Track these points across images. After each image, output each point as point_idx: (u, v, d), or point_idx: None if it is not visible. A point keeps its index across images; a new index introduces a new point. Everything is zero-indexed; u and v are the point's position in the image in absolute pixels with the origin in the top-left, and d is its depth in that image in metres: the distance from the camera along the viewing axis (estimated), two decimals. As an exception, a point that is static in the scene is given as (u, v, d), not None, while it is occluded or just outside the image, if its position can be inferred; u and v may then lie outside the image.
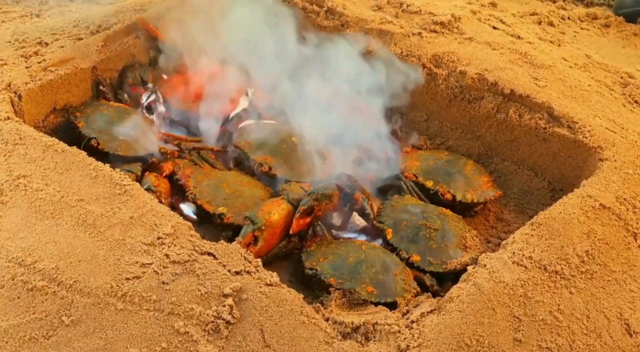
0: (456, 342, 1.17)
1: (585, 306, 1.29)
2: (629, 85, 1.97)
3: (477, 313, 1.21)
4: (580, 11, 2.60)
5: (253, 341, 1.16)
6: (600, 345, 1.25)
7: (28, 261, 1.23)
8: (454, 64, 1.95)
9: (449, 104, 1.99)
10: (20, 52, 1.88)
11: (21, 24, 2.09)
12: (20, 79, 1.74)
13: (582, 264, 1.34)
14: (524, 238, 1.38)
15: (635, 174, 1.57)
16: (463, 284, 1.28)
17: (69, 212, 1.34)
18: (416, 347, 1.16)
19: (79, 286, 1.20)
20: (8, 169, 1.43)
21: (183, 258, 1.26)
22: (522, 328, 1.22)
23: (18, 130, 1.53)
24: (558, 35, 2.32)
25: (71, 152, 1.49)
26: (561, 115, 1.75)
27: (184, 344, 1.15)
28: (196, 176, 1.75)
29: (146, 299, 1.19)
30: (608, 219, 1.44)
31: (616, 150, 1.62)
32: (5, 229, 1.31)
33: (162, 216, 1.35)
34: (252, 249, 1.49)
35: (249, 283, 1.23)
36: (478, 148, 1.98)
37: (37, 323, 1.17)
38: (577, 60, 2.09)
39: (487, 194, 1.77)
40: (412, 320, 1.24)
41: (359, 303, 1.36)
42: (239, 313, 1.19)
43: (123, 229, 1.31)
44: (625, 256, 1.41)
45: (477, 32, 2.10)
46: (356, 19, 2.12)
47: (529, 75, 1.89)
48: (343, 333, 1.23)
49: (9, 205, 1.36)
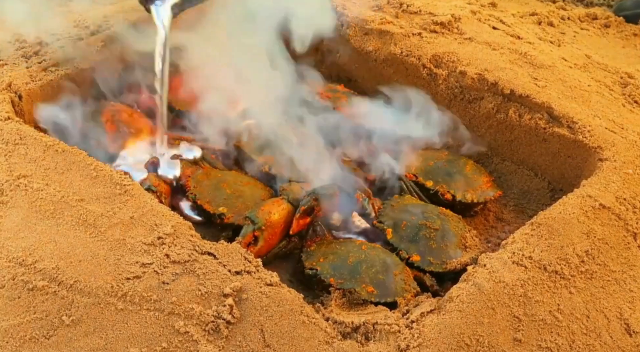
0: (456, 342, 1.17)
1: (585, 306, 1.29)
2: (629, 85, 1.97)
3: (477, 313, 1.21)
4: (580, 11, 2.60)
5: (253, 340, 1.17)
6: (600, 345, 1.25)
7: (28, 260, 1.24)
8: (454, 64, 1.95)
9: (449, 104, 1.99)
10: (21, 52, 1.88)
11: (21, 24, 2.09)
12: (20, 79, 1.74)
13: (582, 264, 1.34)
14: (524, 238, 1.38)
15: (635, 174, 1.57)
16: (463, 284, 1.28)
17: (70, 212, 1.34)
18: (416, 347, 1.16)
19: (79, 286, 1.21)
20: (8, 169, 1.43)
21: (183, 258, 1.26)
22: (522, 328, 1.22)
23: (18, 130, 1.53)
24: (558, 35, 2.32)
25: (71, 152, 1.49)
26: (561, 116, 1.75)
27: (184, 344, 1.15)
28: (196, 175, 1.75)
29: (146, 299, 1.19)
30: (608, 219, 1.44)
31: (616, 150, 1.63)
32: (6, 229, 1.31)
33: (163, 216, 1.36)
34: (252, 249, 1.49)
35: (249, 283, 1.23)
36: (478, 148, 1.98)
37: (38, 323, 1.17)
38: (577, 60, 2.10)
39: (487, 194, 1.77)
40: (412, 320, 1.24)
41: (359, 303, 1.36)
42: (239, 313, 1.19)
43: (123, 229, 1.31)
44: (625, 256, 1.41)
45: (477, 33, 2.10)
46: (356, 19, 2.12)
47: (529, 76, 1.89)
48: (343, 333, 1.23)
49: (9, 205, 1.36)
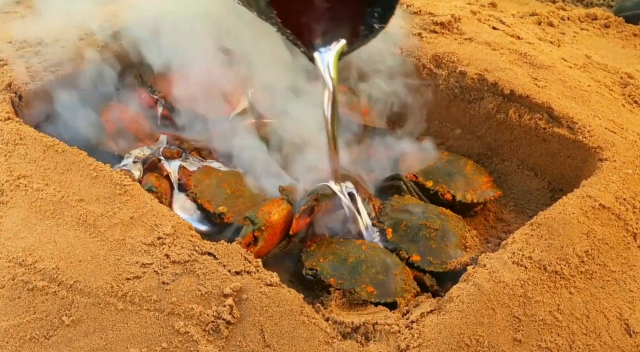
0: (456, 342, 1.17)
1: (585, 306, 1.29)
2: (629, 85, 1.97)
3: (477, 313, 1.21)
4: (580, 12, 2.60)
5: (253, 340, 1.17)
6: (599, 345, 1.25)
7: (28, 261, 1.24)
8: (454, 65, 1.95)
9: (449, 104, 1.99)
10: (21, 52, 1.88)
11: (21, 24, 2.09)
12: (20, 79, 1.74)
13: (582, 264, 1.34)
14: (524, 238, 1.38)
15: (635, 174, 1.57)
16: (463, 284, 1.28)
17: (70, 212, 1.34)
18: (416, 347, 1.16)
19: (79, 286, 1.21)
20: (8, 169, 1.43)
21: (183, 258, 1.26)
22: (521, 328, 1.22)
23: (18, 131, 1.53)
24: (558, 35, 2.32)
25: (71, 152, 1.49)
26: (561, 116, 1.75)
27: (184, 344, 1.15)
28: (197, 175, 1.75)
29: (146, 299, 1.19)
30: (608, 219, 1.44)
31: (616, 150, 1.63)
32: (6, 229, 1.31)
33: (163, 216, 1.36)
34: (252, 249, 1.49)
35: (249, 283, 1.23)
36: (478, 148, 1.98)
37: (38, 323, 1.17)
38: (576, 60, 2.10)
39: (487, 194, 1.77)
40: (412, 320, 1.24)
41: (359, 303, 1.36)
42: (239, 313, 1.19)
43: (123, 229, 1.31)
44: (624, 256, 1.41)
45: (477, 33, 2.10)
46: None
47: (529, 76, 1.89)
48: (343, 333, 1.23)
49: (9, 205, 1.36)
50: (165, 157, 1.82)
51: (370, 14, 1.37)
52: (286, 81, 1.85)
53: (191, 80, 1.95)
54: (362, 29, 1.39)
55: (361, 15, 1.39)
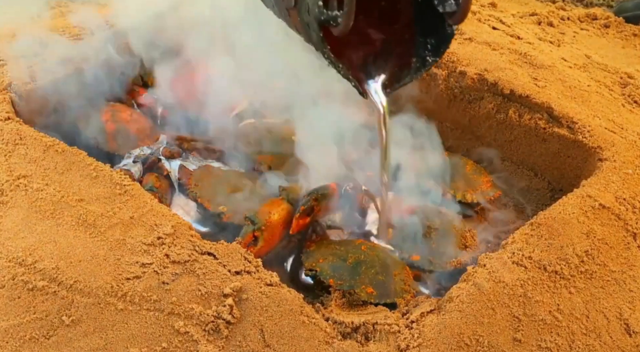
0: (456, 342, 1.17)
1: (585, 306, 1.29)
2: (629, 85, 1.97)
3: (477, 313, 1.21)
4: (580, 12, 2.60)
5: (253, 340, 1.17)
6: (599, 345, 1.25)
7: (28, 260, 1.24)
8: (454, 65, 1.95)
9: (449, 104, 1.99)
10: (21, 52, 1.88)
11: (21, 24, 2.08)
12: (20, 79, 1.74)
13: (582, 264, 1.34)
14: (524, 238, 1.38)
15: (635, 174, 1.57)
16: (463, 284, 1.28)
17: (69, 212, 1.34)
18: (416, 347, 1.16)
19: (79, 286, 1.21)
20: (8, 169, 1.43)
21: (183, 258, 1.26)
22: (521, 328, 1.22)
23: (18, 131, 1.53)
24: (558, 35, 2.32)
25: (71, 152, 1.49)
26: (561, 116, 1.75)
27: (184, 344, 1.15)
28: (197, 174, 1.75)
29: (146, 299, 1.19)
30: (607, 219, 1.44)
31: (616, 150, 1.63)
32: (6, 229, 1.31)
33: (163, 216, 1.35)
34: (252, 249, 1.49)
35: (249, 283, 1.23)
36: (478, 148, 1.98)
37: (38, 323, 1.17)
38: (576, 60, 2.10)
39: (487, 194, 1.77)
40: (412, 320, 1.24)
41: (359, 303, 1.36)
42: (239, 313, 1.19)
43: (123, 229, 1.31)
44: (624, 256, 1.41)
45: (477, 33, 2.10)
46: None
47: (529, 76, 1.89)
48: (343, 333, 1.23)
49: (9, 205, 1.36)
50: (165, 156, 1.82)
51: (422, 46, 1.31)
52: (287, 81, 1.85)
53: (191, 80, 1.96)
54: (414, 61, 1.33)
55: (412, 48, 1.34)
